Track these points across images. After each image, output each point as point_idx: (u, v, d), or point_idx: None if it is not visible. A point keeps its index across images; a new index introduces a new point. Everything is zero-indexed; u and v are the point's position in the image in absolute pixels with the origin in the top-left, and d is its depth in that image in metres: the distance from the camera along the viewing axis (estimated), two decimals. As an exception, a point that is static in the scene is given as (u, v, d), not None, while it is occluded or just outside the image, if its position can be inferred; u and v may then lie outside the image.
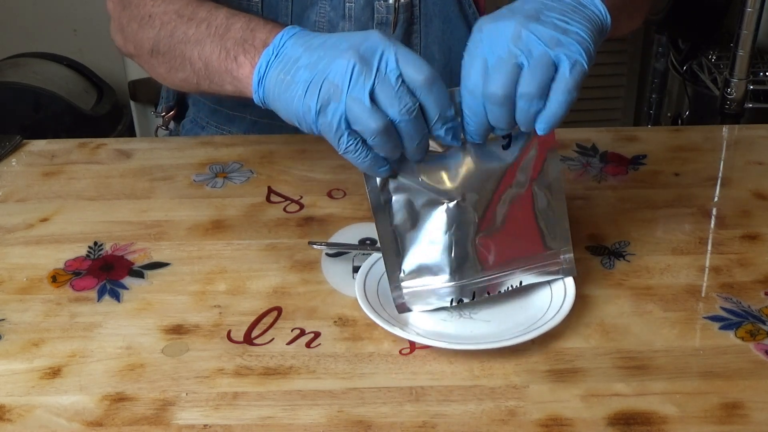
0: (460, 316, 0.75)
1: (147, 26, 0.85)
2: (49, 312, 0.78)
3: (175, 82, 0.86)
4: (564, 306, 0.73)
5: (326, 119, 0.66)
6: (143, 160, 1.03)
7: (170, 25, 0.82)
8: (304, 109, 0.67)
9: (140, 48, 0.88)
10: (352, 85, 0.65)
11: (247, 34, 0.75)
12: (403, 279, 0.75)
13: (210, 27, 0.78)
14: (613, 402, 0.67)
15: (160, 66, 0.86)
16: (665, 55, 1.96)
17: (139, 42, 0.87)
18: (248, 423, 0.65)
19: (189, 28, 0.80)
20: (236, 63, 0.74)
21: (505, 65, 0.66)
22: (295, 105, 0.68)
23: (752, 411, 0.66)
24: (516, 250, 0.76)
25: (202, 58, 0.78)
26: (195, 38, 0.79)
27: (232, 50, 0.75)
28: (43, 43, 2.24)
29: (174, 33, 0.82)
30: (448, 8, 1.06)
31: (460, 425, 0.65)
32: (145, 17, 0.86)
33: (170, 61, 0.83)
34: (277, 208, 0.93)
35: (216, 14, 0.79)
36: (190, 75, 0.81)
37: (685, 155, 1.02)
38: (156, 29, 0.84)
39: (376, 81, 0.65)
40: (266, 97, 0.71)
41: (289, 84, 0.68)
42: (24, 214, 0.93)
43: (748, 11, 1.47)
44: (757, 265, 0.82)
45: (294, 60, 0.69)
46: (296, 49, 0.70)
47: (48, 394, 0.68)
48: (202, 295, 0.79)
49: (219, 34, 0.77)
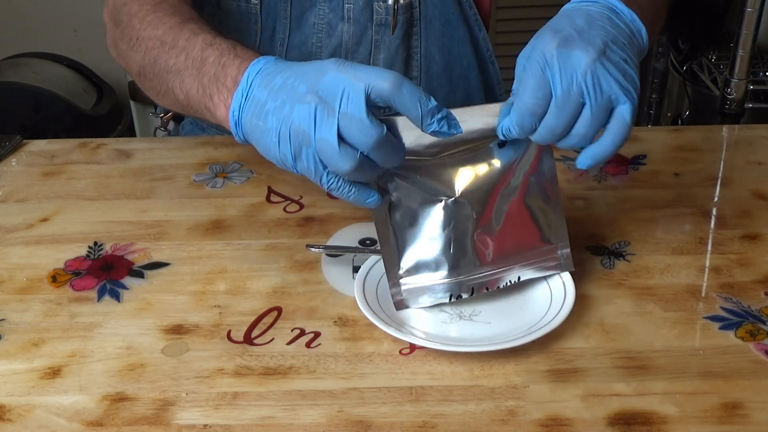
0: (461, 318, 0.75)
1: (134, 49, 0.84)
2: (49, 312, 0.78)
3: (165, 105, 0.86)
4: (564, 307, 0.73)
5: (302, 164, 0.67)
6: (143, 160, 1.03)
7: (154, 51, 0.81)
8: (281, 156, 0.67)
9: (129, 69, 0.88)
10: (318, 128, 0.65)
11: (219, 71, 0.73)
12: (402, 276, 0.75)
13: (188, 59, 0.77)
14: (613, 402, 0.67)
15: (148, 90, 0.86)
16: (665, 55, 1.96)
17: (128, 63, 0.87)
18: (248, 423, 0.65)
19: (170, 58, 0.79)
20: (212, 102, 0.73)
21: (573, 102, 0.66)
22: (272, 152, 0.68)
23: (752, 411, 0.66)
24: (514, 245, 0.76)
25: (183, 90, 0.77)
26: (176, 68, 0.78)
27: (208, 88, 0.74)
28: (43, 43, 2.24)
29: (157, 60, 0.81)
30: (448, 10, 1.06)
31: (460, 425, 0.65)
32: (133, 39, 0.85)
33: (156, 87, 0.82)
34: (277, 208, 0.93)
35: (194, 43, 0.77)
36: (174, 103, 0.81)
37: (685, 155, 1.02)
38: (141, 53, 0.83)
39: (340, 120, 0.64)
40: (247, 138, 0.71)
41: (263, 131, 0.68)
42: (24, 214, 0.93)
43: (748, 11, 1.47)
44: (757, 265, 0.82)
45: (261, 104, 0.68)
46: (262, 93, 0.69)
47: (48, 394, 0.68)
48: (202, 295, 0.80)
49: (196, 67, 0.76)
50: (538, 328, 0.71)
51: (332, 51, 1.05)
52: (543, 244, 0.76)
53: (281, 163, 0.68)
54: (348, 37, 1.04)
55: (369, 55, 1.05)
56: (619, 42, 0.69)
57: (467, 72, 1.11)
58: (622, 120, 0.67)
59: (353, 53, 1.05)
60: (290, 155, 0.67)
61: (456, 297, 0.75)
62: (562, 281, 0.77)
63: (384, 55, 1.05)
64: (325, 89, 0.65)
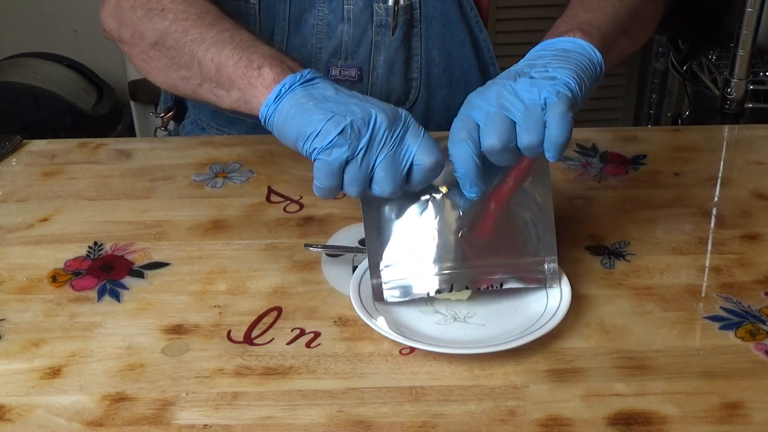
0: (455, 320, 0.75)
1: (156, 17, 0.83)
2: (49, 312, 0.78)
3: (169, 80, 0.84)
4: (561, 307, 0.73)
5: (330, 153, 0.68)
6: (143, 160, 1.03)
7: (186, 22, 0.81)
8: (322, 132, 0.68)
9: (140, 37, 0.85)
10: (374, 142, 0.68)
11: (276, 54, 0.75)
12: (383, 268, 0.75)
13: (234, 37, 0.78)
14: (613, 402, 0.67)
15: (159, 59, 0.84)
16: (665, 55, 1.96)
17: (140, 30, 0.85)
18: (248, 423, 0.65)
19: (209, 31, 0.79)
20: (258, 72, 0.73)
21: (496, 119, 0.69)
22: (310, 126, 0.68)
23: (752, 411, 0.66)
24: (499, 249, 0.76)
25: (215, 60, 0.77)
26: (213, 41, 0.78)
27: (256, 61, 0.74)
28: (43, 43, 2.24)
29: (189, 30, 0.80)
30: (448, 11, 1.06)
31: (460, 425, 0.65)
32: (156, 9, 0.84)
33: (174, 57, 0.81)
34: (277, 208, 0.93)
35: (241, 30, 0.80)
36: (194, 74, 0.80)
37: (685, 155, 1.02)
38: (167, 22, 0.82)
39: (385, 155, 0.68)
40: (276, 114, 0.71)
41: (310, 109, 0.69)
42: (24, 214, 0.93)
43: (748, 11, 1.47)
44: (757, 265, 0.82)
45: (322, 95, 0.70)
46: (327, 88, 0.71)
47: (48, 394, 0.68)
48: (202, 295, 0.80)
49: (242, 47, 0.76)
50: (537, 328, 0.71)
51: (332, 52, 1.05)
52: (530, 256, 0.76)
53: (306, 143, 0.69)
54: (348, 38, 1.04)
55: (369, 56, 1.05)
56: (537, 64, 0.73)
57: (468, 73, 1.10)
58: (552, 105, 0.69)
59: (353, 54, 1.05)
60: (333, 135, 0.67)
61: (436, 292, 0.75)
62: (558, 280, 0.76)
63: (384, 57, 1.05)
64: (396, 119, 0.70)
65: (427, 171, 0.70)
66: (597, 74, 0.75)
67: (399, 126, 0.69)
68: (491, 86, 0.72)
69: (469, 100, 0.72)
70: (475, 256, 0.75)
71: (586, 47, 0.75)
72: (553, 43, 0.76)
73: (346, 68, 1.06)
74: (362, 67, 1.06)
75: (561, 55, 0.74)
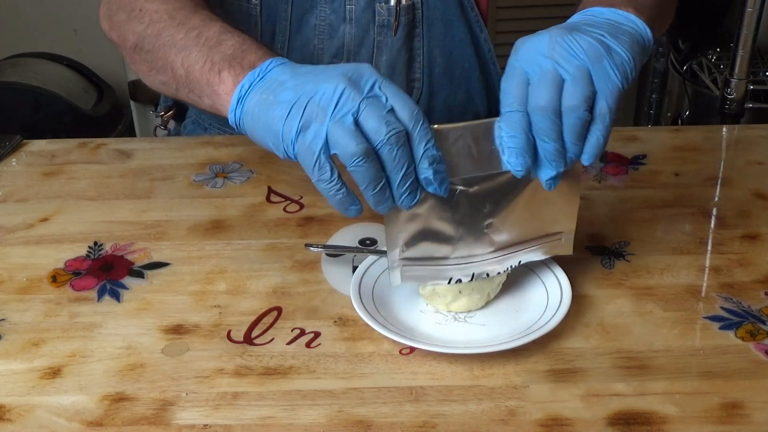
0: (455, 320, 0.75)
1: (135, 20, 0.83)
2: (49, 312, 0.78)
3: (155, 84, 0.84)
4: (561, 306, 0.73)
5: (305, 141, 0.64)
6: (143, 160, 1.03)
7: (159, 24, 0.80)
8: (285, 129, 0.64)
9: (124, 40, 0.85)
10: (339, 107, 0.63)
11: (237, 53, 0.72)
12: (403, 254, 0.73)
13: (200, 36, 0.76)
14: (613, 402, 0.67)
15: (141, 63, 0.83)
16: (665, 55, 1.96)
17: (123, 34, 0.85)
18: (248, 423, 0.65)
19: (178, 33, 0.78)
20: (219, 77, 0.71)
21: (548, 78, 0.65)
22: (275, 125, 0.65)
23: (752, 411, 0.66)
24: (522, 234, 0.75)
25: (184, 65, 0.76)
26: (182, 44, 0.77)
27: (218, 64, 0.72)
28: (43, 43, 2.24)
29: (161, 34, 0.79)
30: (450, 12, 1.06)
31: (460, 425, 0.65)
32: (135, 10, 0.83)
33: (152, 61, 0.81)
34: (277, 208, 0.93)
35: (210, 26, 0.77)
36: (170, 79, 0.79)
37: (685, 155, 1.02)
38: (144, 25, 0.81)
39: (363, 104, 0.63)
40: (243, 117, 0.68)
41: (271, 104, 0.65)
42: (24, 214, 0.93)
43: (748, 11, 1.47)
44: (757, 265, 0.82)
45: (279, 83, 0.67)
46: (283, 74, 0.67)
47: (48, 394, 0.68)
48: (202, 295, 0.80)
49: (208, 46, 0.75)
50: (537, 328, 0.71)
51: (334, 52, 1.05)
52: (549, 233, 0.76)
53: (278, 139, 0.65)
54: (350, 39, 1.04)
55: (371, 56, 1.05)
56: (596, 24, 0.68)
57: (468, 73, 1.11)
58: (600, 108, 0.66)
59: (355, 55, 1.05)
60: (295, 129, 0.63)
61: (456, 281, 0.74)
62: (558, 281, 0.77)
63: (386, 57, 1.05)
64: (358, 77, 0.64)
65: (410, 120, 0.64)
66: (646, 57, 0.71)
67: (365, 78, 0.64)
68: (542, 35, 0.67)
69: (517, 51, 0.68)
70: (496, 245, 0.74)
71: (639, 25, 0.71)
72: (602, 13, 0.71)
73: None
74: None
75: (619, 26, 0.69)
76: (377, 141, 0.63)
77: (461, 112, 1.12)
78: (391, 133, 0.63)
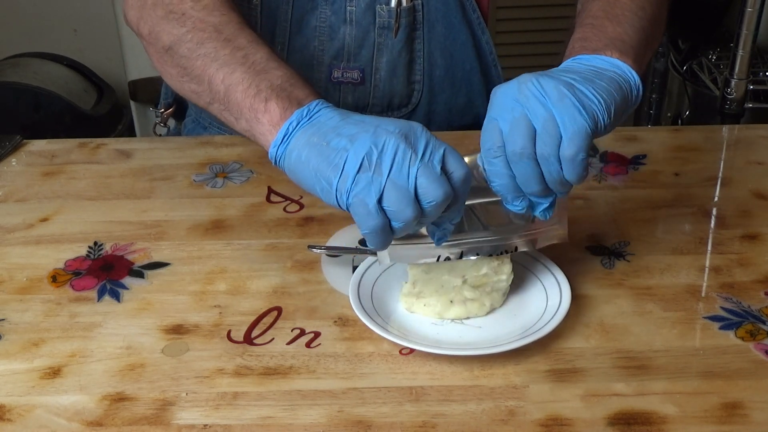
0: (452, 321, 0.75)
1: (174, 21, 0.81)
2: (49, 312, 0.78)
3: (183, 90, 0.82)
4: (561, 307, 0.73)
5: (358, 191, 0.63)
6: (143, 160, 1.03)
7: (203, 33, 0.78)
8: (342, 176, 0.63)
9: (155, 38, 0.83)
10: (397, 164, 0.63)
11: (286, 85, 0.71)
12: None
13: (247, 58, 0.75)
14: (613, 402, 0.67)
15: (171, 67, 0.81)
16: (665, 55, 1.96)
17: (156, 31, 0.82)
18: (248, 423, 0.65)
19: (223, 48, 0.76)
20: (265, 105, 0.70)
21: (520, 124, 0.65)
22: (330, 171, 0.64)
23: (752, 411, 0.66)
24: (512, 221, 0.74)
25: (225, 82, 0.74)
26: (225, 60, 0.75)
27: (264, 92, 0.71)
28: (43, 43, 2.24)
29: (204, 43, 0.77)
30: (450, 14, 1.05)
31: (460, 425, 0.65)
32: (177, 12, 0.81)
33: (187, 68, 0.79)
34: (277, 208, 0.93)
35: (257, 49, 0.75)
36: (204, 91, 0.77)
37: (685, 155, 1.02)
38: (185, 29, 0.79)
39: (420, 166, 0.63)
40: (287, 155, 0.67)
41: (324, 149, 0.65)
42: (24, 214, 0.93)
43: (748, 11, 1.47)
44: (757, 265, 0.82)
45: (331, 128, 0.66)
46: (332, 118, 0.67)
47: (48, 394, 0.68)
48: (202, 295, 0.80)
49: (255, 70, 0.73)
50: (537, 329, 0.71)
51: (334, 54, 1.05)
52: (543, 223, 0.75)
53: (331, 184, 0.64)
54: (350, 40, 1.04)
55: (371, 58, 1.05)
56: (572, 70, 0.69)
57: (469, 75, 1.10)
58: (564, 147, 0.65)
59: (355, 56, 1.05)
60: (352, 177, 0.63)
61: (445, 258, 0.73)
62: (557, 281, 0.77)
63: (387, 59, 1.05)
64: (413, 136, 0.64)
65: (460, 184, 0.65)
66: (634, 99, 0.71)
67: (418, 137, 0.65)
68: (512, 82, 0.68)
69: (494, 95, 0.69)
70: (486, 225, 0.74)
71: (623, 69, 0.71)
72: (587, 60, 0.72)
73: (348, 70, 1.06)
74: (364, 69, 1.06)
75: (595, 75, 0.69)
76: (426, 203, 0.64)
77: (462, 114, 1.12)
78: (441, 199, 0.64)
